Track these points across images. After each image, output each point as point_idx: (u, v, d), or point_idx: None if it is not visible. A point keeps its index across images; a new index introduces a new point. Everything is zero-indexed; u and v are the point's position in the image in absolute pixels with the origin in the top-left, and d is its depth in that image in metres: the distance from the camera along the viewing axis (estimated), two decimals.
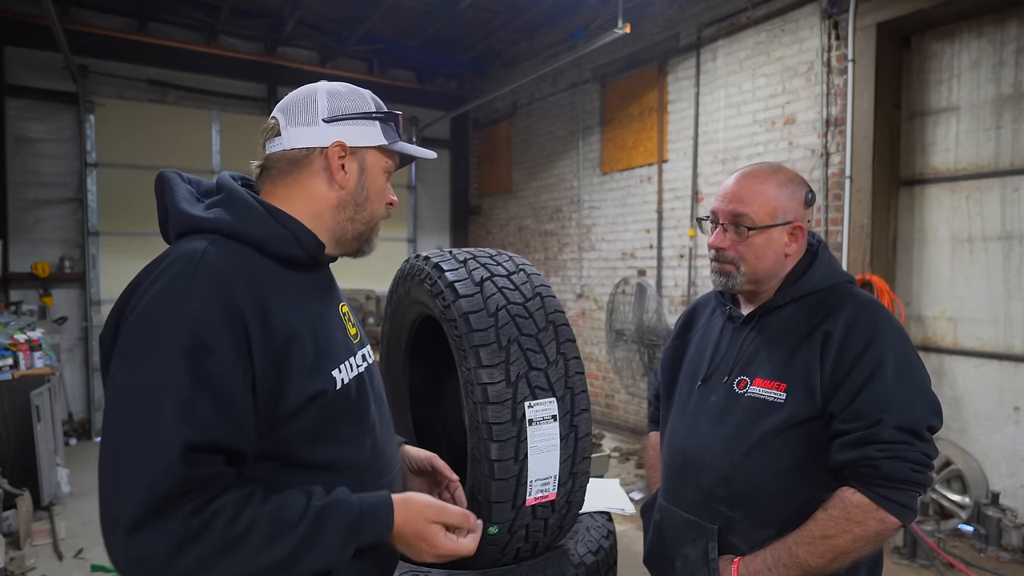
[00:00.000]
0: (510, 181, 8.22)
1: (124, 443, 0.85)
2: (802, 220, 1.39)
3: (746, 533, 1.34)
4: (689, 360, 1.56)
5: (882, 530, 1.20)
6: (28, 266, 6.38)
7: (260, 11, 6.66)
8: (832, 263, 1.42)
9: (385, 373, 2.12)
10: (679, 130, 5.77)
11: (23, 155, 6.39)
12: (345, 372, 1.05)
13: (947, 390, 4.21)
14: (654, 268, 6.04)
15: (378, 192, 1.11)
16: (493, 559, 1.52)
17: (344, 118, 1.07)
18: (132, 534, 0.81)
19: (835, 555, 1.21)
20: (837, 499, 1.22)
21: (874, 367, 1.23)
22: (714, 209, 1.44)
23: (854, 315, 1.29)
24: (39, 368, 4.29)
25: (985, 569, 3.43)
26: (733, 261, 1.40)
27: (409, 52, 7.65)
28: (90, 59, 6.46)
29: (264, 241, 1.00)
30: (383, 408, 1.18)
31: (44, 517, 3.94)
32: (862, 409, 1.21)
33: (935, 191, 4.28)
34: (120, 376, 0.88)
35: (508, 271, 1.59)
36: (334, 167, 1.06)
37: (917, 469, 1.19)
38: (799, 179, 1.42)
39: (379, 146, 1.09)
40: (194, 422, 0.85)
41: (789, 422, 1.28)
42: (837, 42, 4.49)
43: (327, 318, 1.08)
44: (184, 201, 1.01)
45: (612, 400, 6.60)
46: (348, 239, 1.11)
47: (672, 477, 1.50)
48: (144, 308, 0.89)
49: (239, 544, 0.85)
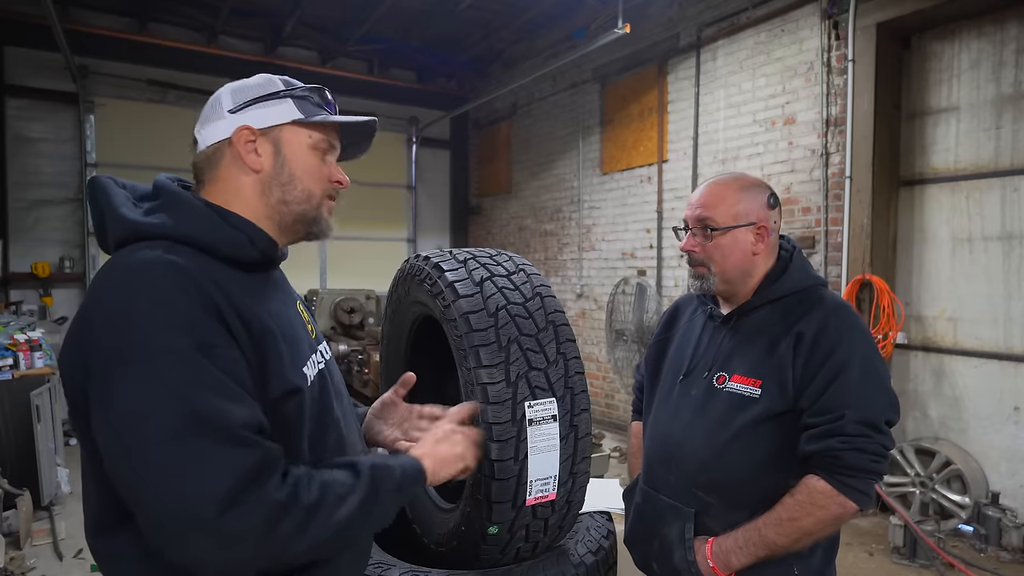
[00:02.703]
0: (510, 181, 8.22)
1: (171, 448, 0.81)
2: (766, 221, 1.48)
3: (721, 516, 1.45)
4: (672, 355, 1.65)
5: (841, 514, 1.32)
6: (28, 266, 6.38)
7: (260, 11, 6.66)
8: (805, 267, 1.53)
9: (385, 373, 2.12)
10: (679, 130, 5.77)
11: (23, 155, 6.40)
12: (311, 368, 1.06)
13: (947, 390, 4.21)
14: (654, 268, 6.04)
15: (306, 169, 1.07)
16: (493, 559, 1.52)
17: (248, 103, 1.06)
18: (221, 519, 0.80)
19: (799, 535, 1.33)
20: (803, 485, 1.34)
21: (840, 366, 1.34)
22: (685, 217, 1.55)
23: (825, 318, 1.40)
24: (39, 368, 4.29)
25: (985, 569, 3.42)
26: (704, 263, 1.50)
27: (409, 52, 7.65)
28: (90, 59, 6.46)
29: (215, 244, 0.98)
30: (344, 402, 1.19)
31: (44, 517, 3.94)
32: (828, 404, 1.33)
33: (935, 191, 4.28)
34: (130, 390, 0.83)
35: (508, 271, 1.59)
36: (243, 152, 1.04)
37: (875, 460, 1.31)
38: (762, 184, 1.53)
39: (294, 121, 1.06)
40: (237, 402, 0.86)
41: (764, 416, 1.39)
42: (837, 42, 4.49)
43: (287, 316, 1.07)
44: (123, 206, 0.98)
45: (612, 400, 6.60)
46: (289, 223, 1.08)
47: (653, 464, 1.59)
48: (128, 320, 0.85)
49: (318, 510, 0.89)
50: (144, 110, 6.91)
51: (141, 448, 0.82)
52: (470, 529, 1.50)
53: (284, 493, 0.86)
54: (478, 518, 1.46)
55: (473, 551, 1.52)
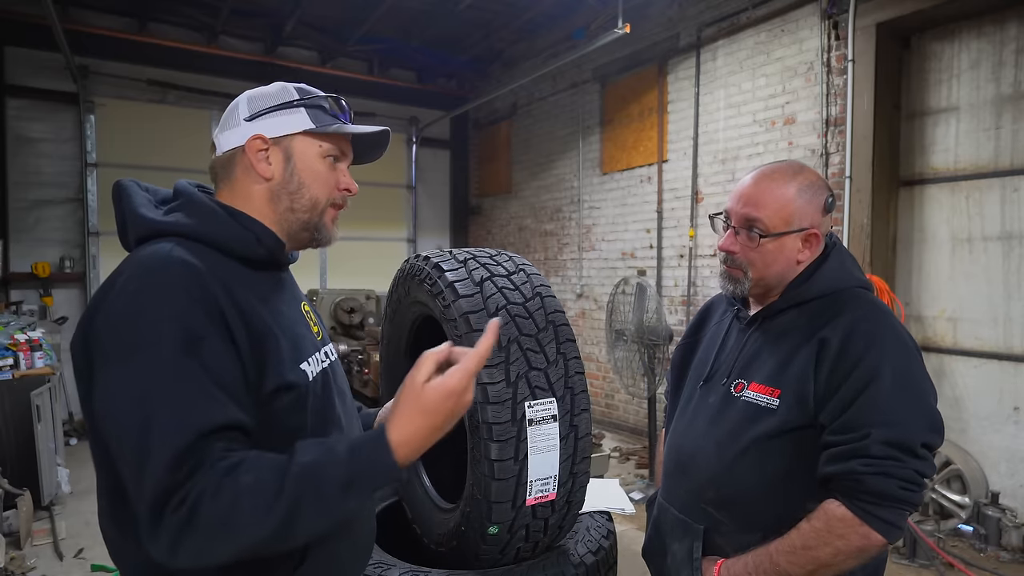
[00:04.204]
0: (510, 181, 8.22)
1: (135, 442, 0.85)
2: (819, 227, 1.33)
3: (732, 535, 1.33)
4: (698, 359, 1.54)
5: (864, 546, 1.17)
6: (28, 266, 6.38)
7: (260, 11, 6.66)
8: (844, 266, 1.36)
9: (385, 373, 2.13)
10: (679, 130, 5.78)
11: (23, 155, 6.39)
12: (313, 366, 1.08)
13: (947, 390, 4.21)
14: (654, 268, 6.04)
15: (315, 178, 1.11)
16: (493, 559, 1.52)
17: (263, 112, 1.09)
18: (158, 518, 0.82)
19: (815, 567, 1.19)
20: (821, 511, 1.20)
21: (869, 378, 1.18)
22: (728, 209, 1.38)
23: (854, 322, 1.24)
24: (39, 368, 4.29)
25: (985, 569, 3.43)
26: (741, 266, 1.36)
27: (409, 52, 7.65)
28: (90, 59, 6.46)
29: (227, 242, 1.03)
30: (347, 402, 1.21)
31: (44, 517, 3.94)
32: (852, 421, 1.18)
33: (935, 191, 4.29)
34: (116, 377, 0.88)
35: (508, 271, 1.60)
36: (254, 160, 1.07)
37: (905, 487, 1.15)
38: (820, 183, 1.35)
39: (306, 131, 1.10)
40: (209, 402, 0.87)
41: (780, 429, 1.26)
42: (837, 42, 4.49)
43: (292, 315, 1.11)
44: (142, 207, 1.04)
45: (612, 400, 6.60)
46: (296, 230, 1.12)
47: (668, 475, 1.50)
48: (127, 309, 0.90)
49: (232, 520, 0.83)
50: (144, 110, 6.90)
51: (118, 434, 0.87)
52: (470, 529, 1.50)
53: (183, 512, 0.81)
54: (478, 518, 1.46)
55: (473, 551, 1.52)
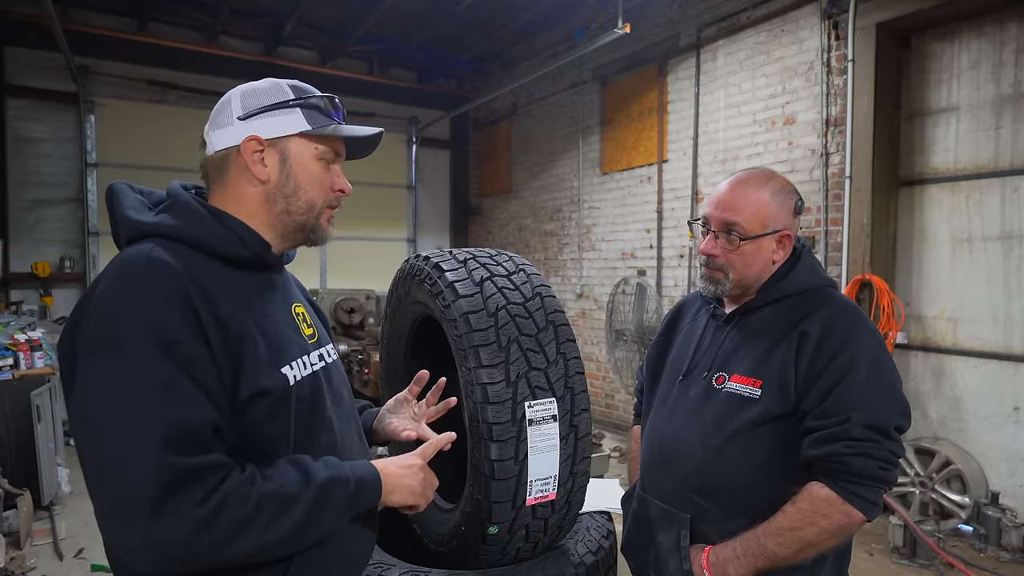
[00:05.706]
0: (510, 181, 8.22)
1: (118, 439, 0.86)
2: (791, 228, 1.43)
3: (718, 523, 1.39)
4: (673, 356, 1.60)
5: (847, 523, 1.25)
6: (28, 266, 6.39)
7: (260, 11, 6.66)
8: (815, 267, 1.46)
9: (385, 373, 2.13)
10: (679, 130, 5.78)
11: (23, 155, 6.40)
12: (298, 369, 1.07)
13: (947, 390, 4.21)
14: (654, 268, 6.04)
15: (311, 180, 1.10)
16: (493, 559, 1.52)
17: (258, 112, 1.07)
18: (147, 521, 0.83)
19: (801, 546, 1.26)
20: (805, 493, 1.27)
21: (847, 368, 1.27)
22: (706, 215, 1.46)
23: (831, 318, 1.34)
24: (39, 368, 4.29)
25: (985, 569, 3.43)
26: (722, 268, 1.43)
27: (409, 52, 7.65)
28: (90, 59, 6.46)
29: (207, 242, 1.02)
30: (343, 406, 1.20)
31: (44, 517, 3.94)
32: (833, 407, 1.26)
33: (935, 191, 4.29)
34: (94, 377, 0.89)
35: (508, 271, 1.60)
36: (250, 162, 1.06)
37: (883, 467, 1.24)
38: (790, 187, 1.45)
39: (302, 132, 1.08)
40: (187, 405, 0.88)
41: (763, 417, 1.33)
42: (837, 42, 4.49)
43: (276, 317, 1.09)
44: (131, 209, 1.04)
45: (612, 400, 6.60)
46: (291, 231, 1.12)
47: (650, 467, 1.54)
48: (104, 310, 0.91)
49: (249, 524, 0.90)
50: (144, 110, 6.91)
51: (88, 437, 0.89)
52: (470, 529, 1.50)
53: (209, 507, 0.86)
54: (478, 518, 1.46)
55: (473, 551, 1.52)
